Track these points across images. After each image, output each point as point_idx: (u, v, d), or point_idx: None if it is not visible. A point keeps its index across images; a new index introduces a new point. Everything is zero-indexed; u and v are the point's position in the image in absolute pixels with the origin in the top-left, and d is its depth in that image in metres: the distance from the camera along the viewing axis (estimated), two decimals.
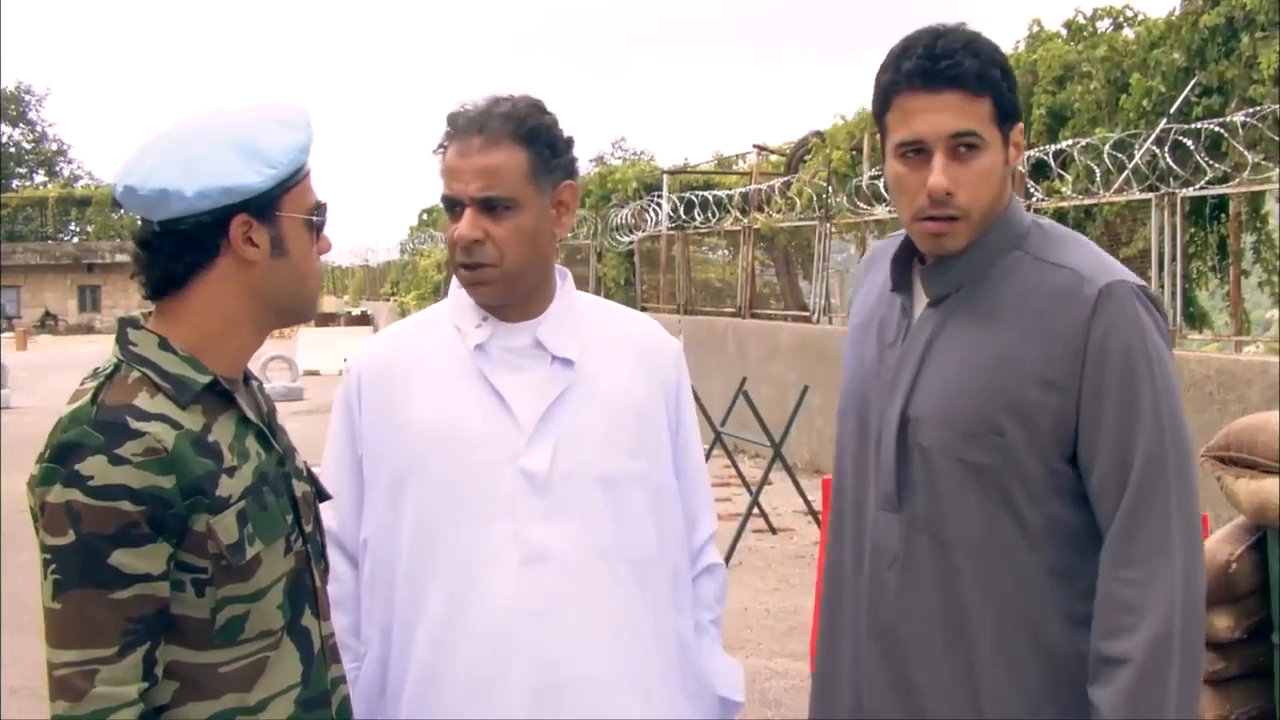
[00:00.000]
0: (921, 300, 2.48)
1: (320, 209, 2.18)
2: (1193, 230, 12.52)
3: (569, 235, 3.21)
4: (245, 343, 2.15)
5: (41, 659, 2.03)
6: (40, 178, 79.04)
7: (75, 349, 43.88)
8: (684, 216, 20.84)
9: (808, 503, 11.27)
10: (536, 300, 2.64)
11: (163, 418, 2.00)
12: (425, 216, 48.06)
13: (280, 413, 2.28)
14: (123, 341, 2.10)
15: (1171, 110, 11.59)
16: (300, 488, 2.22)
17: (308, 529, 2.21)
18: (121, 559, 1.93)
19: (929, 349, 2.43)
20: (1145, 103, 12.39)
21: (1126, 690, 2.24)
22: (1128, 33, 14.19)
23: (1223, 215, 12.53)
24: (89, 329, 61.33)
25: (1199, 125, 10.76)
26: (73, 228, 69.49)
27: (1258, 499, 4.95)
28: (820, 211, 17.27)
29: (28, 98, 79.01)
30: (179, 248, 2.06)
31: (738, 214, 19.97)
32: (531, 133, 2.54)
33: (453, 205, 2.56)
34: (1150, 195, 11.12)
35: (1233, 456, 5.13)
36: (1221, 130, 10.44)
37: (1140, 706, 2.24)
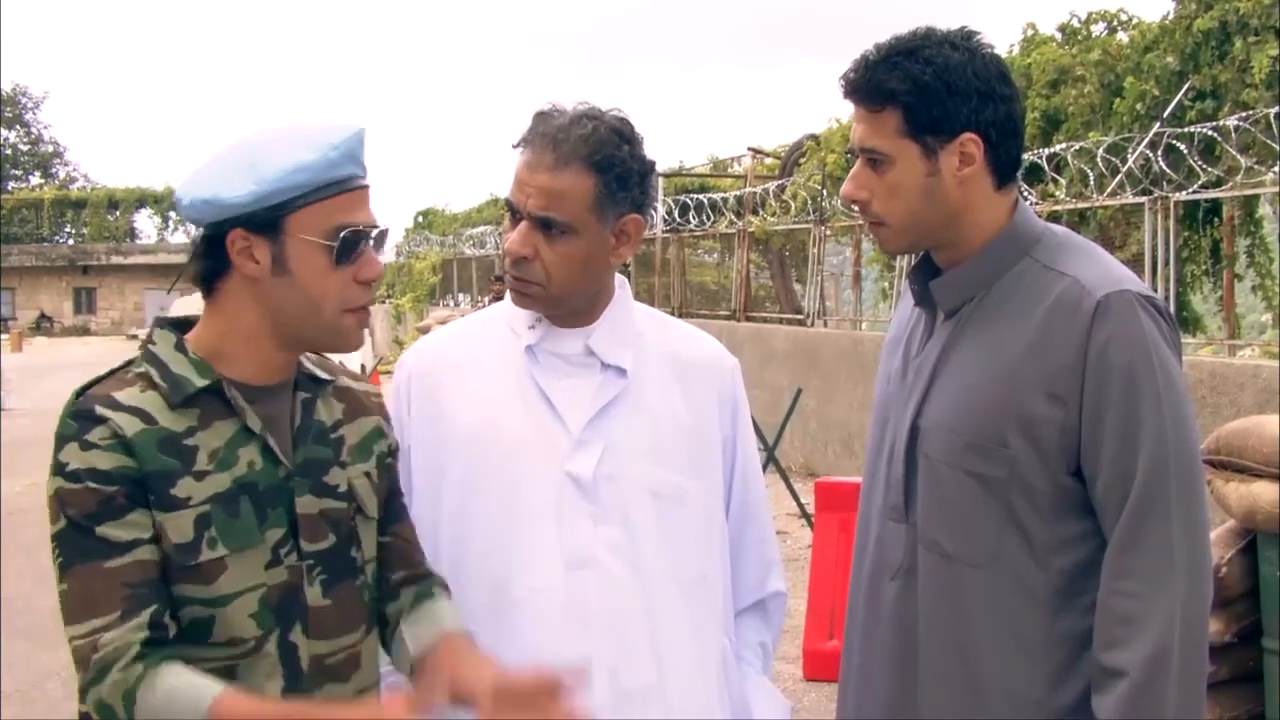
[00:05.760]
0: (942, 312, 2.49)
1: (339, 233, 2.12)
2: (1186, 234, 12.53)
3: None
4: (269, 354, 2.17)
5: (37, 662, 2.04)
6: (36, 180, 78.93)
7: (70, 351, 43.85)
8: (679, 219, 20.85)
9: (801, 505, 11.27)
10: (590, 309, 2.60)
11: (137, 411, 2.07)
12: (420, 219, 48.01)
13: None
14: (147, 338, 2.18)
15: (1165, 114, 11.60)
16: (316, 504, 2.19)
17: (312, 546, 2.17)
18: (107, 531, 2.01)
19: (942, 360, 2.44)
20: (1139, 106, 12.39)
21: (1122, 703, 2.23)
22: (1121, 36, 14.19)
23: (1216, 219, 12.54)
24: (84, 331, 61.31)
25: (1192, 129, 10.76)
26: (68, 230, 69.40)
27: (1247, 503, 4.98)
28: (815, 214, 17.29)
29: (24, 100, 78.98)
30: (200, 252, 2.14)
31: (732, 217, 19.98)
32: (604, 162, 2.47)
33: (512, 211, 2.53)
34: (1144, 199, 11.14)
35: (1223, 460, 5.16)
36: (1215, 134, 10.44)
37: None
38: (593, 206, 2.49)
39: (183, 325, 2.21)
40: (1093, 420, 2.28)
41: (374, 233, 2.18)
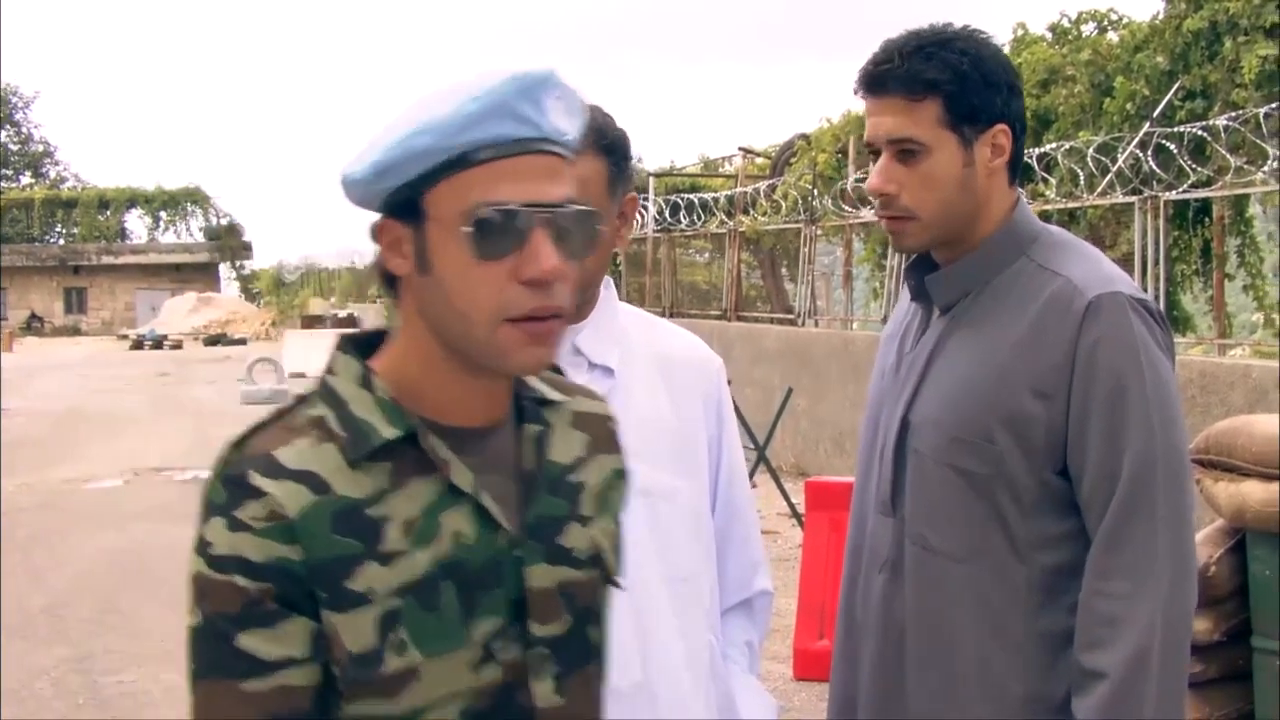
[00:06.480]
0: (937, 308, 2.49)
1: (475, 213, 1.55)
2: (1176, 233, 12.57)
3: None
4: (461, 381, 1.65)
5: (29, 661, 2.01)
6: (26, 179, 78.74)
7: (61, 351, 43.73)
8: (670, 219, 20.85)
9: (791, 505, 11.26)
10: (581, 308, 2.58)
11: (305, 476, 1.58)
12: None
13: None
14: (327, 366, 1.69)
15: (1155, 114, 11.63)
16: (552, 575, 1.70)
17: (544, 631, 1.68)
18: (250, 643, 1.55)
19: (934, 355, 2.44)
20: (1129, 106, 12.44)
21: (1102, 705, 2.23)
22: (1112, 36, 14.25)
23: (1206, 219, 12.60)
24: (75, 331, 61.20)
25: (1182, 129, 10.79)
26: (59, 230, 69.19)
27: (1236, 502, 4.99)
28: (805, 214, 17.30)
29: (14, 100, 78.85)
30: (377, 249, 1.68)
31: (723, 217, 19.98)
32: (610, 144, 2.47)
33: None
34: (1134, 199, 11.15)
35: (1212, 459, 5.17)
36: (1205, 134, 10.47)
37: None
38: (607, 190, 2.49)
39: (370, 344, 1.71)
40: (1079, 419, 2.28)
41: (541, 214, 1.57)
